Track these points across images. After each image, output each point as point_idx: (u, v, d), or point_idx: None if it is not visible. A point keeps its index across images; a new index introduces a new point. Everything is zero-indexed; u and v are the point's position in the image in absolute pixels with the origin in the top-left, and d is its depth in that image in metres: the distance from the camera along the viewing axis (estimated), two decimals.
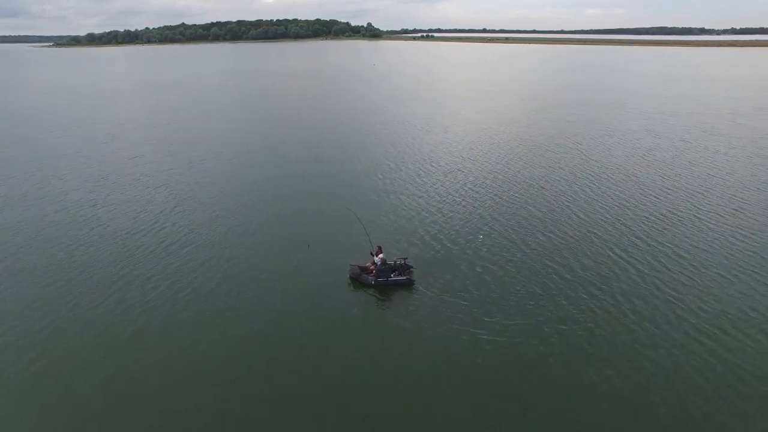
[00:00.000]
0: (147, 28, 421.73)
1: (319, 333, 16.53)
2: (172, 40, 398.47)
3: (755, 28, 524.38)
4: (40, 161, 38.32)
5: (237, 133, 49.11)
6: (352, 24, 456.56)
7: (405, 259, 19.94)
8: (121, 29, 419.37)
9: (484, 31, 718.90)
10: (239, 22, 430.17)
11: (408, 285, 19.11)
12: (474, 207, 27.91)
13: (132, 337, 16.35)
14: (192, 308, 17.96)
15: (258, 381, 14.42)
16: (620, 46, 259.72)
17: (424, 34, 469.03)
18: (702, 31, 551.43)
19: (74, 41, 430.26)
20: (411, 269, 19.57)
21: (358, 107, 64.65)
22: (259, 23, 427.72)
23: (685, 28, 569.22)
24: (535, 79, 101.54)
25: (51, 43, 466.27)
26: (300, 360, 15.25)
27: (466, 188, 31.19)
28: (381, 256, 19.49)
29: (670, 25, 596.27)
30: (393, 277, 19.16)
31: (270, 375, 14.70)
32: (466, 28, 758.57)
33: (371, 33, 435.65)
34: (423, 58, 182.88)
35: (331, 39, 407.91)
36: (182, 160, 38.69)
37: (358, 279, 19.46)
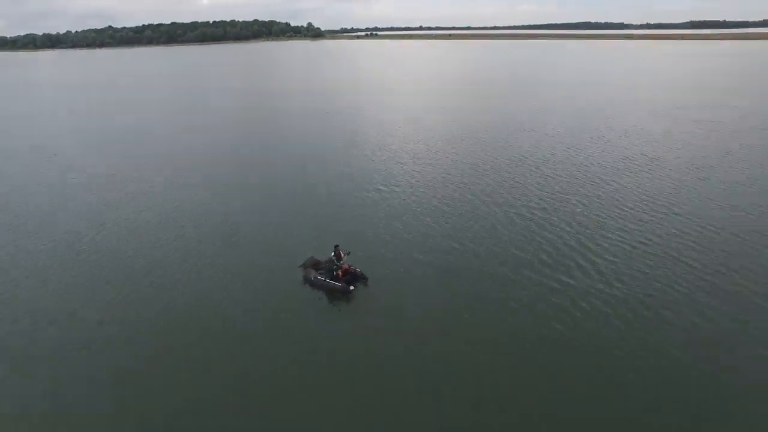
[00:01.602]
0: (69, 32, 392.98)
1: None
2: (101, 44, 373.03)
3: (666, 24, 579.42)
4: None
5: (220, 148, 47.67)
6: (291, 24, 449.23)
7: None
8: (39, 32, 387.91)
9: (421, 28, 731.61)
10: (174, 24, 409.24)
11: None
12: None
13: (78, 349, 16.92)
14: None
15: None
16: (557, 41, 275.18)
17: (368, 33, 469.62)
18: (622, 25, 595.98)
19: None
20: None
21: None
22: (195, 25, 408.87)
23: (608, 23, 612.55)
24: (504, 76, 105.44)
25: None
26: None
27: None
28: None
29: (593, 20, 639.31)
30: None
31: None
32: (403, 26, 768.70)
33: (313, 33, 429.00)
34: (387, 60, 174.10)
35: (272, 40, 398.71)
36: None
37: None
